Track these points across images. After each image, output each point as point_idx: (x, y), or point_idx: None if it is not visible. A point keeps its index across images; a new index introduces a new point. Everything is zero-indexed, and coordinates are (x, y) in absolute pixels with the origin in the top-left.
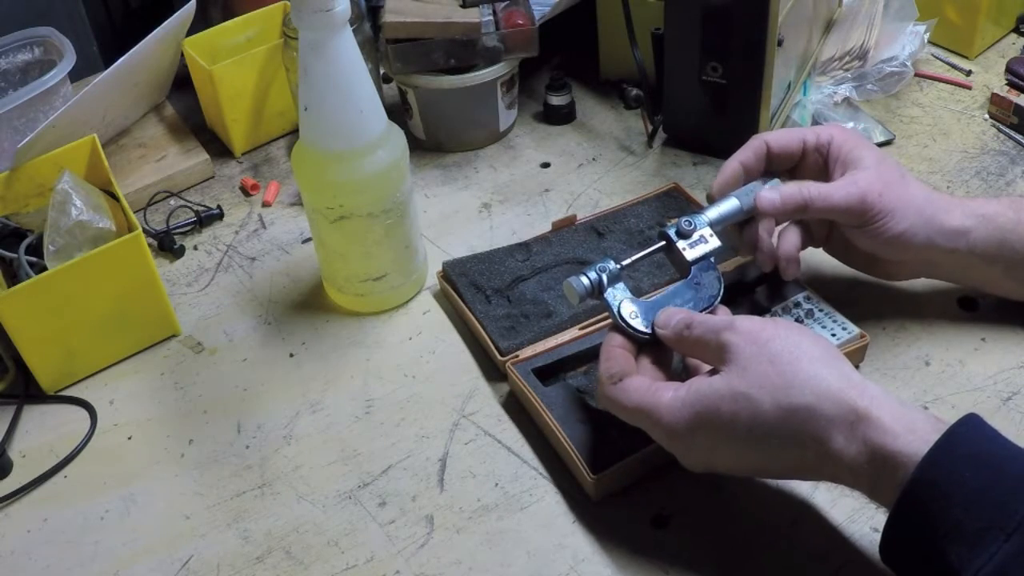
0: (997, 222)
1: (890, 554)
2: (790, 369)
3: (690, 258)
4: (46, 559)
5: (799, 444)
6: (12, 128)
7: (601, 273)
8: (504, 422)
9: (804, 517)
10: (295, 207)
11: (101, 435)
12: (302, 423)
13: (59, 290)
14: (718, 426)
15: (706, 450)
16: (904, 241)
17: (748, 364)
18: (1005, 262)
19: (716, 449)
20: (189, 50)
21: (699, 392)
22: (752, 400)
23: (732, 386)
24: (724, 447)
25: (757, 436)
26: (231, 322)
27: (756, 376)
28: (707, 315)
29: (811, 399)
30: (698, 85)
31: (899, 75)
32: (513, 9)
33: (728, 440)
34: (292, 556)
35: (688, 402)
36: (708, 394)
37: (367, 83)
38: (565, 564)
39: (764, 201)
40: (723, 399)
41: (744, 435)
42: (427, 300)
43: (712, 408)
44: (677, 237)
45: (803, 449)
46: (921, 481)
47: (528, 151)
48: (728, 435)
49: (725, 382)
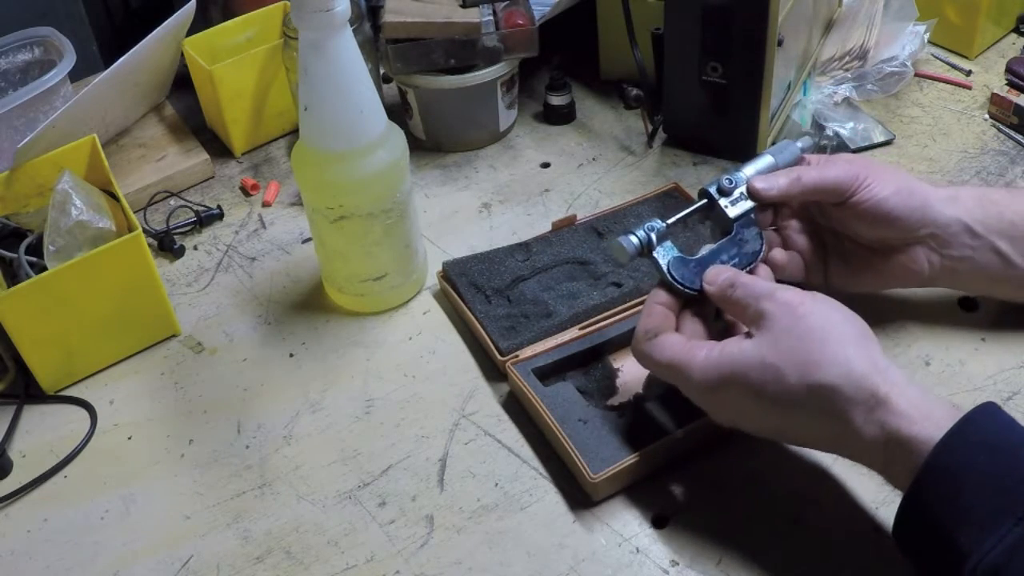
0: (990, 196)
1: (903, 537)
2: (819, 348)
3: (732, 215)
4: (46, 559)
5: (821, 419)
6: (12, 128)
7: (650, 232)
8: (504, 422)
9: (805, 517)
10: (295, 207)
11: (101, 435)
12: (302, 423)
13: (59, 290)
14: (745, 391)
15: (733, 410)
16: (895, 207)
17: (780, 336)
18: (1009, 238)
19: (743, 411)
20: (189, 50)
21: (731, 356)
22: (779, 372)
23: (762, 355)
24: (750, 410)
25: (782, 406)
26: (231, 322)
27: (786, 350)
28: (752, 278)
29: (835, 380)
30: (698, 85)
31: (899, 75)
32: (513, 9)
33: (754, 405)
34: (292, 556)
35: (719, 364)
36: (739, 359)
37: (367, 83)
38: (565, 564)
39: (760, 186)
40: (752, 367)
41: (769, 403)
42: (427, 300)
43: (741, 374)
44: (719, 195)
45: (824, 425)
46: (934, 465)
47: (528, 151)
48: (754, 400)
49: (756, 350)
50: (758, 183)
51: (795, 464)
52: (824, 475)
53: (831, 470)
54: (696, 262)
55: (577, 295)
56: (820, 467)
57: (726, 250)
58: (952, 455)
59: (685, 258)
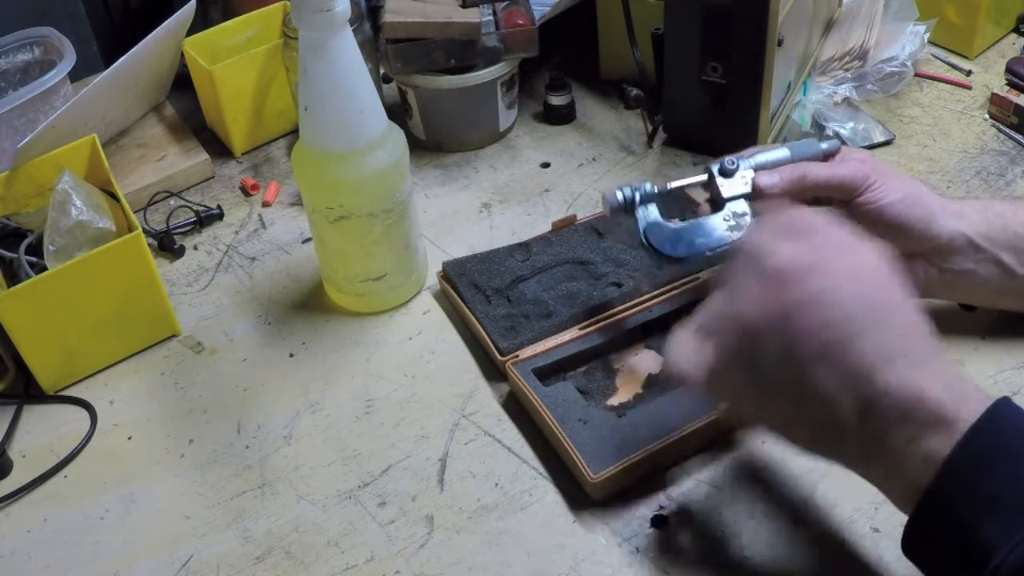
0: (994, 209)
1: (917, 538)
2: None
3: (725, 195)
4: (46, 559)
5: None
6: (12, 128)
7: (635, 191)
8: (504, 422)
9: (805, 517)
10: (295, 207)
11: (101, 435)
12: (302, 423)
13: (59, 290)
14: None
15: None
16: (899, 214)
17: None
18: (1012, 249)
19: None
20: (189, 50)
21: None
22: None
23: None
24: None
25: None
26: (231, 322)
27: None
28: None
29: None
30: (698, 85)
31: (899, 75)
32: (513, 9)
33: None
34: (292, 556)
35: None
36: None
37: (367, 83)
38: (565, 564)
39: (764, 180)
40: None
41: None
42: (427, 300)
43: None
44: (719, 174)
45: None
46: (961, 455)
47: (528, 151)
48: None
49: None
50: (762, 178)
51: (795, 464)
52: (824, 475)
53: (831, 470)
54: (674, 230)
55: (577, 295)
56: (820, 468)
57: (708, 225)
58: (981, 443)
59: (663, 224)
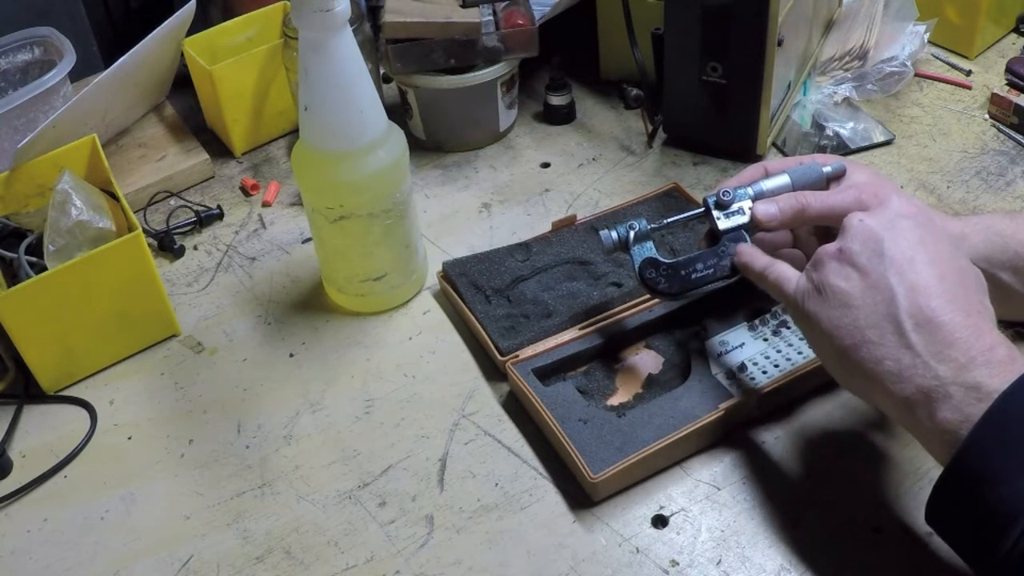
0: (995, 228)
1: (944, 501)
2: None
3: (721, 227)
4: (46, 559)
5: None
6: (12, 128)
7: (629, 231)
8: (504, 422)
9: (805, 518)
10: (295, 207)
11: (101, 435)
12: (302, 423)
13: (59, 290)
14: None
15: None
16: None
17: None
18: (1012, 268)
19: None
20: (189, 50)
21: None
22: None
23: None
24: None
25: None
26: (231, 322)
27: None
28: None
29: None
30: (698, 85)
31: (899, 75)
32: (513, 9)
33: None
34: (292, 556)
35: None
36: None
37: (367, 83)
38: (565, 564)
39: (762, 213)
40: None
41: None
42: (427, 300)
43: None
44: (715, 207)
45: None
46: (997, 413)
47: (528, 151)
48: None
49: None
50: (760, 211)
51: (795, 464)
52: (824, 476)
53: (831, 471)
54: (668, 266)
55: (577, 295)
56: (820, 468)
57: (704, 259)
58: (1017, 404)
59: (659, 260)
